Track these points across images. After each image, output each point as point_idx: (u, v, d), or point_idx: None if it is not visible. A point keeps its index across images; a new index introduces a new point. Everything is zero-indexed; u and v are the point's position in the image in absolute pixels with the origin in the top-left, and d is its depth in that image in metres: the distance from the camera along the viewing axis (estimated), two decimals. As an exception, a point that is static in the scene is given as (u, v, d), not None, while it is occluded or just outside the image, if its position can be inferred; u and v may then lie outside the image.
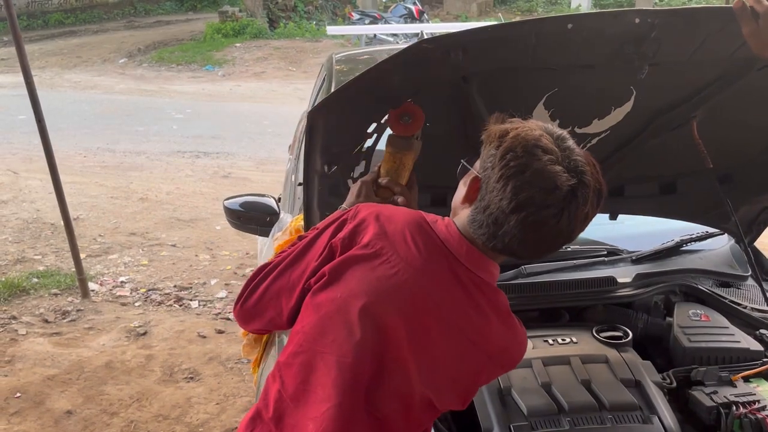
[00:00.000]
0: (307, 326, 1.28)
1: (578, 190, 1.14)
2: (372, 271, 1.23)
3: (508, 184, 1.14)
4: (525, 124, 1.20)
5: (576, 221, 1.16)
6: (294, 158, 3.67)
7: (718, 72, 1.60)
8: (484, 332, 1.24)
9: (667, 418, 1.59)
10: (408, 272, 1.22)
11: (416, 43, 1.38)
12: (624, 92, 1.66)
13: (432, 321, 1.22)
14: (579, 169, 1.15)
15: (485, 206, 1.19)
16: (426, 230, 1.26)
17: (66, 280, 4.39)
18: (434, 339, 1.22)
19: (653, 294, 2.04)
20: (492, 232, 1.19)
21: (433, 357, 1.23)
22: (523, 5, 18.56)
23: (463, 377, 1.27)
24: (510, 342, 1.29)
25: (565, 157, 1.15)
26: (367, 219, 1.29)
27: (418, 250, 1.23)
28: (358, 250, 1.25)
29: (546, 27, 1.36)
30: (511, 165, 1.14)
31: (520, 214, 1.14)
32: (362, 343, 1.21)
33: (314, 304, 1.28)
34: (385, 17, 12.74)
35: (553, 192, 1.13)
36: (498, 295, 1.28)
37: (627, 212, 2.14)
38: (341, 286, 1.24)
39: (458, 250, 1.24)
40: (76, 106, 9.44)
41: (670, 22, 1.34)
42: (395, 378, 1.22)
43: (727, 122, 1.78)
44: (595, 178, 1.17)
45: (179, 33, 16.05)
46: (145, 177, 6.64)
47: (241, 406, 3.14)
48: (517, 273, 2.02)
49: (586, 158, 1.18)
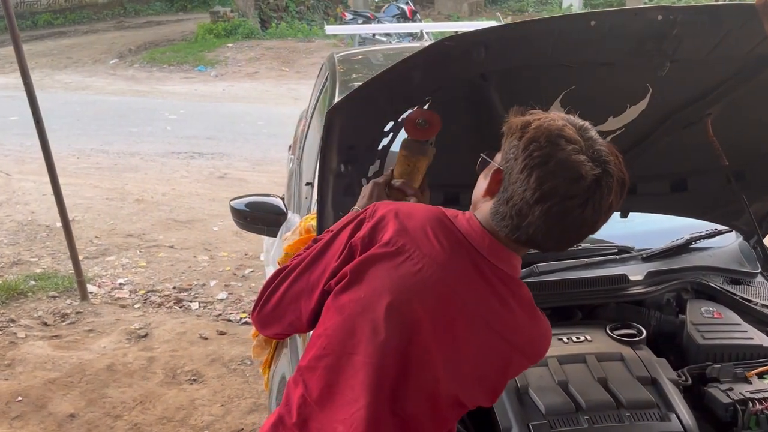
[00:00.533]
0: (330, 329, 1.26)
1: (603, 179, 1.13)
2: (395, 268, 1.22)
3: (532, 175, 1.13)
4: (547, 115, 1.19)
5: (600, 211, 1.15)
6: (296, 158, 3.66)
7: (735, 69, 1.61)
8: (510, 324, 1.24)
9: (684, 416, 1.59)
10: (432, 268, 1.21)
11: (439, 41, 1.37)
12: (640, 90, 1.66)
13: (458, 316, 1.22)
14: (603, 159, 1.14)
15: (508, 198, 1.18)
16: (447, 225, 1.25)
17: (64, 283, 4.35)
18: (461, 334, 1.22)
19: (665, 291, 2.04)
20: (516, 224, 1.18)
21: (460, 352, 1.22)
22: (514, 5, 18.63)
23: (492, 372, 1.26)
24: (536, 333, 1.29)
25: (589, 146, 1.15)
26: (386, 217, 1.27)
27: (440, 246, 1.22)
28: (380, 248, 1.24)
29: (568, 24, 1.36)
30: (534, 155, 1.14)
31: (545, 205, 1.13)
32: (388, 342, 1.20)
33: (337, 306, 1.26)
34: (378, 17, 12.73)
35: (577, 182, 1.12)
36: (521, 287, 1.28)
37: (639, 210, 2.15)
38: (364, 285, 1.23)
39: (480, 243, 1.23)
40: (68, 107, 9.36)
41: (692, 18, 1.35)
42: (422, 376, 1.21)
43: (740, 119, 1.79)
44: (618, 168, 1.17)
45: (170, 33, 15.97)
46: (140, 178, 6.60)
47: (246, 407, 3.12)
48: (530, 272, 2.02)
49: (609, 149, 1.18)
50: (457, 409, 1.27)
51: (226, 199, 5.89)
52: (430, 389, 1.22)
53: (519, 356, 1.27)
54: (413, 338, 1.20)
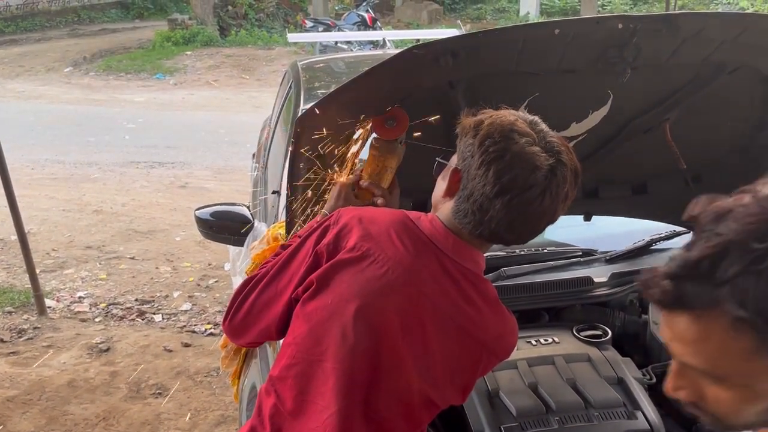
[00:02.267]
0: (299, 337, 1.26)
1: (557, 169, 1.17)
2: (361, 273, 1.23)
3: (489, 169, 1.16)
4: (498, 112, 1.23)
5: (558, 199, 1.19)
6: (261, 166, 3.64)
7: (691, 75, 1.66)
8: (478, 322, 1.26)
9: (650, 413, 1.63)
10: (397, 270, 1.22)
11: (407, 50, 1.38)
12: (602, 96, 1.70)
13: (426, 316, 1.23)
14: (555, 149, 1.18)
15: (468, 194, 1.20)
16: (411, 228, 1.27)
17: (20, 297, 4.22)
18: (430, 334, 1.23)
19: (628, 292, 2.09)
20: (478, 219, 1.21)
21: (430, 352, 1.23)
22: (472, 13, 18.85)
23: (463, 370, 1.28)
24: (503, 329, 1.31)
25: (541, 138, 1.19)
26: (349, 223, 1.29)
27: (405, 248, 1.24)
28: (345, 254, 1.25)
29: (533, 32, 1.39)
30: (490, 150, 1.17)
31: (505, 197, 1.16)
32: (357, 347, 1.20)
33: (305, 314, 1.27)
34: (339, 25, 12.72)
35: (534, 172, 1.15)
36: (485, 284, 1.30)
37: (601, 213, 2.19)
38: (330, 292, 1.24)
39: (444, 244, 1.25)
40: (21, 116, 9.10)
41: (650, 27, 1.39)
42: (393, 379, 1.22)
43: (696, 124, 1.85)
44: (570, 158, 1.20)
45: (126, 41, 15.66)
46: (99, 189, 6.45)
47: (213, 420, 3.08)
48: (497, 276, 2.04)
49: (560, 140, 1.22)
50: (430, 409, 1.28)
51: (188, 209, 5.85)
52: (403, 391, 1.23)
53: (488, 354, 1.29)
54: (382, 341, 1.21)
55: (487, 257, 2.13)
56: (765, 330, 0.67)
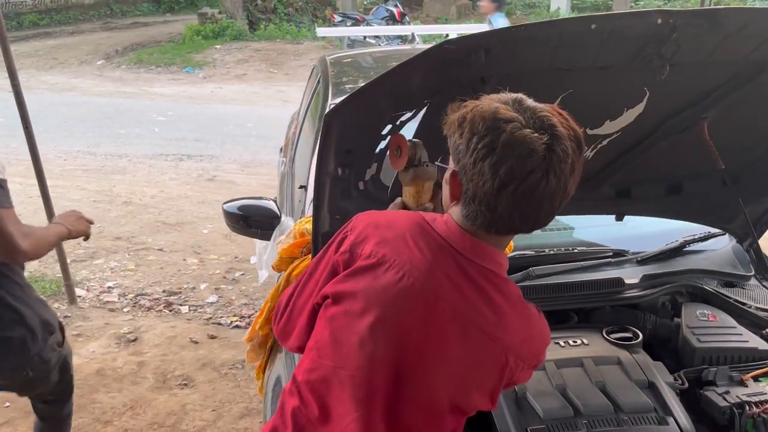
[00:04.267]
0: (320, 342, 1.26)
1: (554, 145, 1.09)
2: (377, 279, 1.20)
3: (484, 166, 1.10)
4: (477, 102, 1.16)
5: (563, 175, 1.11)
6: (288, 161, 3.64)
7: (731, 73, 1.61)
8: (501, 325, 1.20)
9: (682, 419, 1.59)
10: (414, 275, 1.19)
11: (439, 45, 1.36)
12: (637, 93, 1.66)
13: (446, 321, 1.19)
14: (547, 124, 1.10)
15: (472, 196, 1.15)
16: (427, 230, 1.23)
17: (51, 286, 4.29)
18: (451, 340, 1.19)
19: (660, 295, 2.05)
20: (490, 218, 1.16)
21: (453, 359, 1.20)
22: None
23: (488, 375, 1.22)
24: (528, 332, 1.25)
25: (529, 117, 1.11)
26: (365, 230, 1.27)
27: (421, 252, 1.20)
28: (362, 261, 1.23)
29: (569, 27, 1.36)
30: (479, 147, 1.11)
31: (508, 189, 1.10)
32: (375, 355, 1.18)
33: (326, 318, 1.26)
34: (367, 19, 12.71)
35: (530, 156, 1.09)
36: (508, 285, 1.24)
37: (633, 213, 2.15)
38: (349, 300, 1.22)
39: (462, 245, 1.20)
40: (54, 108, 9.26)
41: (691, 22, 1.34)
42: (416, 387, 1.19)
43: (735, 123, 1.79)
44: (566, 127, 1.12)
45: (157, 34, 15.85)
46: (129, 180, 6.54)
47: (238, 412, 3.09)
48: (526, 275, 2.02)
49: (551, 110, 1.14)
50: (457, 415, 1.24)
51: (216, 202, 5.90)
52: (426, 399, 1.20)
53: (514, 357, 1.22)
54: (402, 349, 1.18)
55: (516, 256, 2.13)
56: None
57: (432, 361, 1.19)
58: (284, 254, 2.13)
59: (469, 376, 1.21)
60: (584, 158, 1.90)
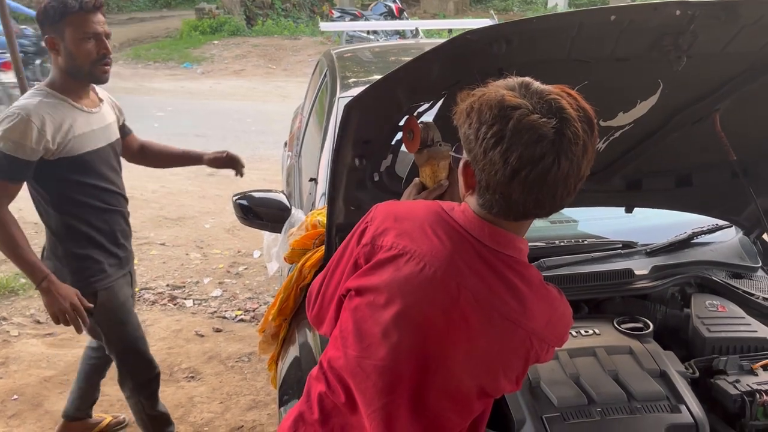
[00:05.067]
0: (345, 331, 1.27)
1: (564, 128, 1.08)
2: (398, 271, 1.21)
3: (495, 155, 1.10)
4: (483, 90, 1.16)
5: (575, 158, 1.10)
6: (294, 154, 3.65)
7: (746, 65, 1.62)
8: (523, 309, 1.20)
9: (694, 407, 1.61)
10: (434, 265, 1.19)
11: (460, 35, 1.37)
12: (651, 85, 1.67)
13: (469, 309, 1.19)
14: (555, 107, 1.09)
15: (486, 185, 1.15)
16: (445, 220, 1.24)
17: (55, 280, 4.29)
18: (474, 327, 1.19)
19: (670, 285, 2.07)
20: (505, 206, 1.16)
21: (477, 346, 1.20)
22: (498, 4, 18.70)
23: (514, 359, 1.23)
24: (551, 314, 1.24)
25: (536, 102, 1.09)
26: (384, 221, 1.28)
27: (440, 242, 1.21)
28: (383, 254, 1.24)
29: (589, 18, 1.37)
30: (488, 136, 1.10)
31: (520, 176, 1.10)
32: (399, 345, 1.19)
33: (350, 308, 1.27)
34: (366, 15, 12.71)
35: (540, 142, 1.07)
36: (529, 269, 1.24)
37: (643, 205, 2.17)
38: (372, 291, 1.23)
39: (480, 233, 1.20)
40: (53, 103, 9.23)
41: (710, 14, 1.36)
42: (441, 375, 1.20)
43: (747, 115, 1.81)
44: (575, 108, 1.11)
45: (154, 30, 15.82)
46: (129, 175, 6.39)
47: (245, 404, 3.11)
48: (537, 266, 2.03)
49: (559, 91, 1.12)
50: (483, 399, 1.25)
51: (217, 197, 5.91)
52: (453, 387, 1.21)
53: (538, 340, 1.23)
54: (426, 338, 1.19)
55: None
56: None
57: (458, 349, 1.19)
58: (296, 246, 2.14)
59: (496, 362, 1.22)
60: (597, 150, 1.92)
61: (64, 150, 2.17)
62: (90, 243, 2.33)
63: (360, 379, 1.22)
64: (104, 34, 2.17)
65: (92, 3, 2.12)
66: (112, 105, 2.48)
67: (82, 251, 2.31)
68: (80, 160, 2.22)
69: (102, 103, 2.37)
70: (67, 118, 2.17)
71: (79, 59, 2.14)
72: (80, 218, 2.30)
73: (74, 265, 2.30)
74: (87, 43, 2.14)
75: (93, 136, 2.27)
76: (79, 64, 2.15)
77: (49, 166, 2.16)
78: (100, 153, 2.30)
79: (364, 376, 1.21)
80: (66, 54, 2.14)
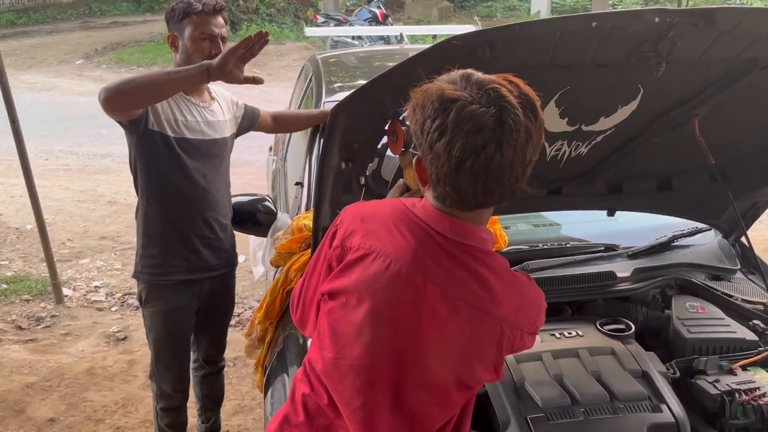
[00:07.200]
0: (321, 333, 1.29)
1: (503, 116, 1.09)
2: (366, 270, 1.23)
3: (439, 148, 1.12)
4: (424, 86, 1.18)
5: (519, 145, 1.11)
6: (280, 159, 3.65)
7: (723, 71, 1.66)
8: (491, 298, 1.22)
9: (675, 407, 1.64)
10: (400, 261, 1.21)
11: (446, 40, 1.39)
12: (632, 91, 1.70)
13: (437, 302, 1.21)
14: (494, 95, 1.10)
15: (436, 179, 1.17)
16: (408, 216, 1.25)
17: (37, 286, 4.26)
18: (445, 319, 1.21)
19: (651, 287, 2.10)
20: (457, 197, 1.18)
21: (449, 337, 1.22)
22: (482, 11, 18.84)
23: (486, 348, 1.24)
24: (519, 300, 1.25)
25: (476, 93, 1.11)
26: (352, 223, 1.30)
27: (404, 238, 1.23)
28: (351, 255, 1.26)
29: (571, 24, 1.39)
30: (432, 129, 1.12)
31: (465, 166, 1.11)
32: (372, 343, 1.21)
33: (325, 313, 1.29)
34: (350, 20, 12.75)
35: (480, 132, 1.09)
36: (494, 257, 1.26)
37: (625, 209, 2.20)
38: (343, 294, 1.25)
39: (441, 226, 1.22)
40: (35, 107, 9.15)
41: (688, 21, 1.39)
42: (416, 370, 1.22)
43: (724, 120, 1.85)
44: (515, 93, 1.12)
45: (137, 34, 15.73)
46: (113, 180, 6.49)
47: (230, 409, 3.10)
48: (521, 269, 2.05)
49: (500, 80, 1.14)
50: (463, 391, 1.27)
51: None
52: (429, 380, 1.22)
53: (509, 327, 1.23)
54: (399, 333, 1.21)
55: (510, 251, 2.17)
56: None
57: (430, 342, 1.21)
58: (282, 250, 2.15)
59: (469, 351, 1.23)
60: (579, 154, 1.94)
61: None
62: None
63: (337, 380, 1.24)
64: (220, 36, 2.22)
65: (213, 5, 2.19)
66: (228, 103, 2.47)
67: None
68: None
69: (213, 102, 2.38)
70: (178, 107, 2.23)
71: (193, 56, 2.18)
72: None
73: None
74: (203, 42, 2.19)
75: (198, 126, 2.29)
76: (191, 61, 2.16)
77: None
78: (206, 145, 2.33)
79: (341, 377, 1.23)
80: (182, 50, 2.21)
